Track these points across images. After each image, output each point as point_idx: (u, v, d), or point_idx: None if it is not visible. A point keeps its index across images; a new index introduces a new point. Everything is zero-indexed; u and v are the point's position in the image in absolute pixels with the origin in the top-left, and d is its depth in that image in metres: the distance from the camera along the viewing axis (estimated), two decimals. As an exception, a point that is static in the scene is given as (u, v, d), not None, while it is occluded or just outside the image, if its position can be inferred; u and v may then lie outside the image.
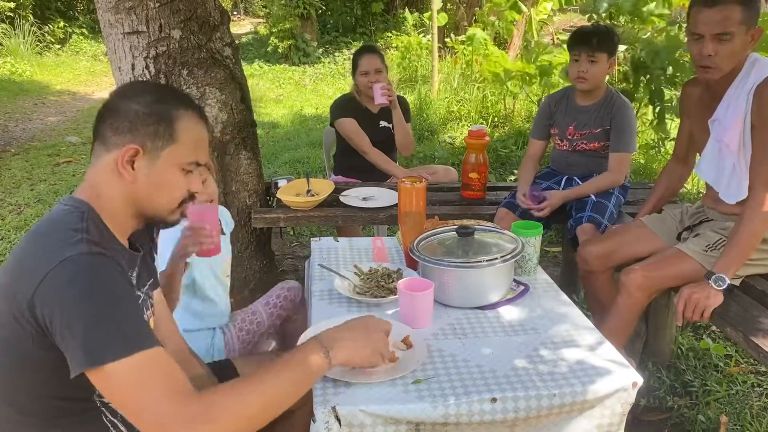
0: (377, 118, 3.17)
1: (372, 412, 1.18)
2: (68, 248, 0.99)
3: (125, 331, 0.96)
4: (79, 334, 0.94)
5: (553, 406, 1.24)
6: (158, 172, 1.12)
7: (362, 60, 3.06)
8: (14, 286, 1.01)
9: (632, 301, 1.99)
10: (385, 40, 11.02)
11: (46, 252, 1.00)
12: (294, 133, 6.69)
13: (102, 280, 0.98)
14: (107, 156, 1.11)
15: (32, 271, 0.98)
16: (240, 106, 2.64)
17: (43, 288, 0.96)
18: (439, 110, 6.57)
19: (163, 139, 1.11)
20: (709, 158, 2.04)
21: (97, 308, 0.96)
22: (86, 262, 0.98)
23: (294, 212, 2.69)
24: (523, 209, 2.58)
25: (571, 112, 2.66)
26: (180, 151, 1.13)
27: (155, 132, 1.10)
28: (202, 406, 0.97)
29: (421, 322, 1.50)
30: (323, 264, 1.84)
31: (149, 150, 1.10)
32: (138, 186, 1.11)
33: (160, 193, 1.14)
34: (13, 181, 4.97)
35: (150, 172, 1.11)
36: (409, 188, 1.91)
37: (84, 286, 0.96)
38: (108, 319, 0.96)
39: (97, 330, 0.94)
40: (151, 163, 1.11)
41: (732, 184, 1.95)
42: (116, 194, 1.12)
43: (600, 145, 2.61)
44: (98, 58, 11.99)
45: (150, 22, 2.35)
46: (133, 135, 1.10)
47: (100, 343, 0.94)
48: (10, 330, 1.01)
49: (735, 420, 2.11)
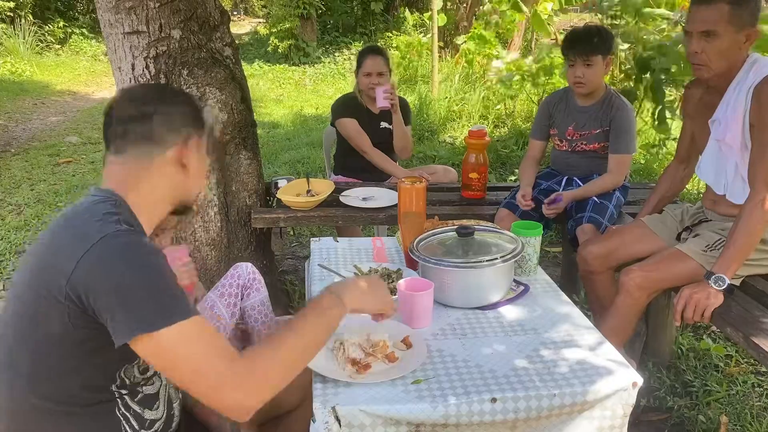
0: (378, 119, 3.16)
1: (372, 412, 1.18)
2: (107, 226, 1.04)
3: (172, 300, 1.01)
4: (126, 304, 0.98)
5: (554, 406, 1.24)
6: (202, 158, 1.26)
7: (366, 61, 3.04)
8: (49, 264, 1.04)
9: (632, 301, 1.99)
10: (385, 40, 11.02)
11: (84, 231, 1.04)
12: (294, 133, 6.69)
13: (144, 253, 1.03)
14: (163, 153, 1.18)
15: (70, 249, 1.02)
16: (240, 106, 2.64)
17: (84, 263, 1.00)
18: (439, 110, 6.57)
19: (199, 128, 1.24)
20: (708, 159, 2.04)
21: (143, 278, 1.00)
22: (127, 238, 1.03)
23: (294, 212, 2.69)
24: (523, 210, 2.58)
25: (571, 113, 2.65)
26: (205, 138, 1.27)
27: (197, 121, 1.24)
28: (247, 364, 1.02)
29: (421, 322, 1.50)
30: (323, 264, 1.85)
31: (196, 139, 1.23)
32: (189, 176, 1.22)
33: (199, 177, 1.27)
34: (13, 181, 4.97)
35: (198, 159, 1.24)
36: (409, 188, 1.91)
37: (129, 258, 1.01)
38: (155, 289, 1.00)
39: (147, 298, 0.99)
40: (198, 150, 1.24)
41: (737, 184, 1.95)
42: (163, 188, 1.20)
43: (599, 145, 2.61)
44: (98, 58, 12.00)
45: (150, 22, 2.35)
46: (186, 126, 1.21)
47: (149, 311, 0.99)
48: (40, 307, 1.04)
49: (735, 420, 2.11)
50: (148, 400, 1.20)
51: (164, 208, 1.23)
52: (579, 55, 2.49)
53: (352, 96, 3.17)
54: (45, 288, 1.03)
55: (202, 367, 1.00)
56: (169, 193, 1.22)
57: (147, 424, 1.20)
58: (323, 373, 1.26)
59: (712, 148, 2.01)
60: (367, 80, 3.02)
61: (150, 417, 1.20)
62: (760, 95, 1.82)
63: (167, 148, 1.18)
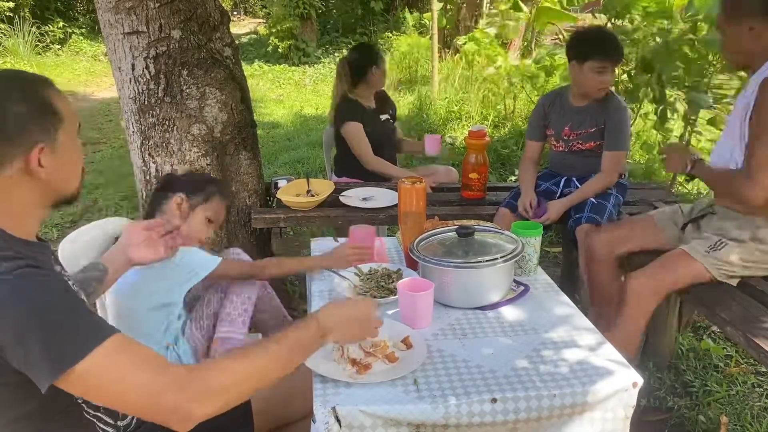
0: (377, 113, 3.22)
1: (372, 412, 1.18)
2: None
3: (80, 329, 0.95)
4: (36, 348, 0.92)
5: (554, 406, 1.24)
6: (64, 154, 1.10)
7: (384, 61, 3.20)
8: None
9: (640, 309, 2.00)
10: (385, 41, 11.02)
11: None
12: (294, 133, 6.68)
13: (31, 294, 0.96)
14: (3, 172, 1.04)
15: None
16: (240, 106, 2.64)
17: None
18: (439, 110, 6.57)
19: (55, 124, 1.08)
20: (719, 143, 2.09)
21: (44, 318, 0.94)
22: (9, 285, 0.95)
23: (294, 212, 2.69)
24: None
25: (566, 113, 2.66)
26: (69, 125, 1.12)
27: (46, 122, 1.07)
28: (183, 370, 1.00)
29: (421, 322, 1.50)
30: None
31: (48, 141, 1.07)
32: (51, 178, 1.08)
33: (70, 171, 1.14)
34: (13, 181, 4.96)
35: (57, 159, 1.09)
36: (409, 188, 1.91)
37: (18, 309, 0.94)
38: (59, 324, 0.94)
39: (54, 338, 0.93)
40: (54, 151, 1.08)
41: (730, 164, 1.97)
42: (27, 197, 1.08)
43: (596, 144, 2.62)
44: (98, 58, 11.98)
45: (150, 22, 2.35)
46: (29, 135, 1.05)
47: (61, 348, 0.93)
48: None
49: (735, 420, 2.11)
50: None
51: (35, 220, 1.12)
52: (611, 62, 2.48)
53: (352, 99, 3.15)
54: None
55: (134, 383, 0.95)
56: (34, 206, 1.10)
57: (120, 416, 1.18)
58: (323, 373, 1.26)
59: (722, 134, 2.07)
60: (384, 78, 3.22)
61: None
62: (764, 89, 1.83)
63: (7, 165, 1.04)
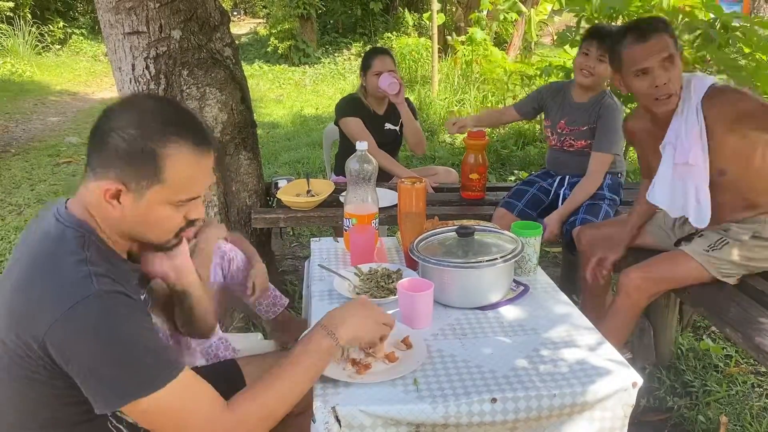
0: (383, 120, 3.15)
1: (372, 412, 1.18)
2: (78, 289, 0.97)
3: (151, 367, 0.98)
4: (104, 378, 0.96)
5: (554, 406, 1.24)
6: (145, 210, 1.06)
7: (375, 61, 3.00)
8: (21, 317, 1.00)
9: (630, 303, 2.00)
10: (385, 41, 11.02)
11: (55, 290, 0.98)
12: (294, 133, 6.69)
13: (117, 321, 0.98)
14: (95, 184, 1.05)
15: (41, 309, 0.97)
16: (240, 106, 2.64)
17: (56, 332, 0.95)
18: (439, 110, 6.58)
19: (147, 179, 1.04)
20: (661, 183, 2.02)
21: (118, 350, 0.96)
22: (98, 306, 0.97)
23: (294, 212, 2.69)
24: (522, 208, 2.60)
25: (564, 107, 2.70)
26: (167, 191, 1.05)
27: (137, 172, 1.03)
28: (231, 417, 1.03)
29: (421, 322, 1.50)
30: (323, 264, 1.84)
31: (133, 189, 1.04)
32: (126, 219, 1.07)
33: (151, 227, 1.10)
34: (13, 181, 4.97)
35: (136, 207, 1.05)
36: (409, 188, 1.91)
37: (101, 331, 0.96)
38: (132, 360, 0.97)
39: (123, 372, 0.96)
40: (136, 200, 1.05)
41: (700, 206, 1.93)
42: (107, 219, 1.08)
43: (585, 143, 2.64)
44: (98, 58, 11.99)
45: (150, 22, 2.35)
46: (116, 170, 1.03)
47: (129, 383, 0.96)
48: (17, 352, 1.00)
49: (735, 420, 2.11)
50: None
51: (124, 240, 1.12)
52: (598, 46, 2.51)
53: (356, 97, 3.15)
54: (21, 336, 0.98)
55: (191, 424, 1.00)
56: (116, 230, 1.10)
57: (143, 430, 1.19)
58: (323, 373, 1.26)
59: (665, 173, 1.99)
60: (377, 80, 2.99)
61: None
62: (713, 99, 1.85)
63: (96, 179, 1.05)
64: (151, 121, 1.05)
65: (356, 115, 3.06)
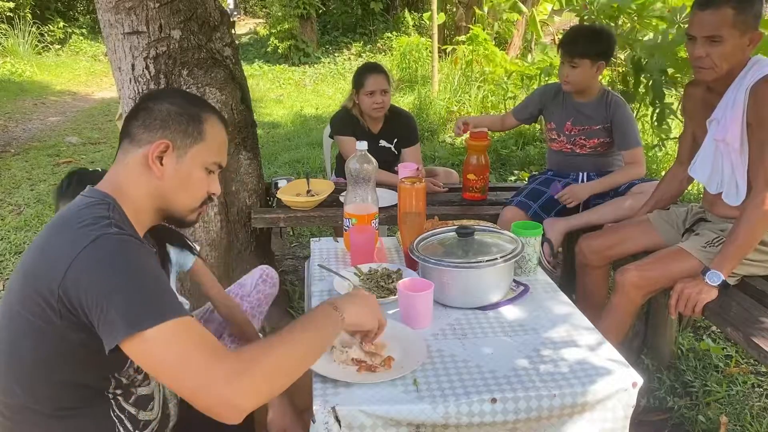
0: (377, 138, 3.10)
1: (372, 412, 1.18)
2: (98, 229, 1.04)
3: (161, 300, 1.01)
4: (116, 305, 0.98)
5: (554, 406, 1.24)
6: (185, 169, 1.19)
7: (368, 80, 2.93)
8: (41, 268, 1.04)
9: (627, 301, 2.00)
10: (385, 41, 11.02)
11: (76, 234, 1.04)
12: (294, 133, 6.69)
13: (134, 255, 1.04)
14: (137, 152, 1.17)
15: (62, 252, 1.01)
16: (240, 106, 2.64)
17: (76, 267, 0.99)
18: (439, 110, 6.57)
19: (192, 137, 1.18)
20: (703, 158, 2.05)
21: (132, 279, 1.00)
22: (117, 241, 1.03)
23: (294, 212, 2.69)
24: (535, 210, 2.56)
25: (567, 108, 2.69)
26: (206, 151, 1.20)
27: (185, 130, 1.18)
28: (237, 361, 1.00)
29: (421, 322, 1.50)
30: (323, 264, 1.84)
31: (178, 146, 1.17)
32: (165, 181, 1.17)
33: (185, 189, 1.21)
34: (13, 181, 4.97)
35: (177, 167, 1.18)
36: (409, 188, 1.91)
37: (118, 260, 1.01)
38: (144, 289, 1.00)
39: (135, 299, 0.99)
40: (179, 159, 1.18)
41: (732, 185, 1.96)
42: (141, 189, 1.17)
43: (599, 141, 2.62)
44: (98, 58, 11.99)
45: (150, 22, 2.35)
46: (164, 131, 1.16)
47: (138, 311, 0.98)
48: (34, 312, 1.03)
49: (735, 420, 2.11)
50: (142, 401, 1.20)
51: (149, 215, 1.21)
52: (564, 55, 2.56)
53: (352, 114, 3.08)
54: (38, 293, 1.02)
55: (192, 364, 0.97)
56: (148, 200, 1.19)
57: (141, 425, 1.19)
58: (323, 373, 1.26)
59: (708, 148, 2.02)
60: (371, 99, 2.93)
61: (144, 418, 1.20)
62: (756, 94, 1.83)
63: (140, 147, 1.17)
64: (192, 97, 1.29)
65: (351, 134, 3.00)
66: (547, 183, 2.72)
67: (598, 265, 2.26)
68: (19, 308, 1.06)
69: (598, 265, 2.26)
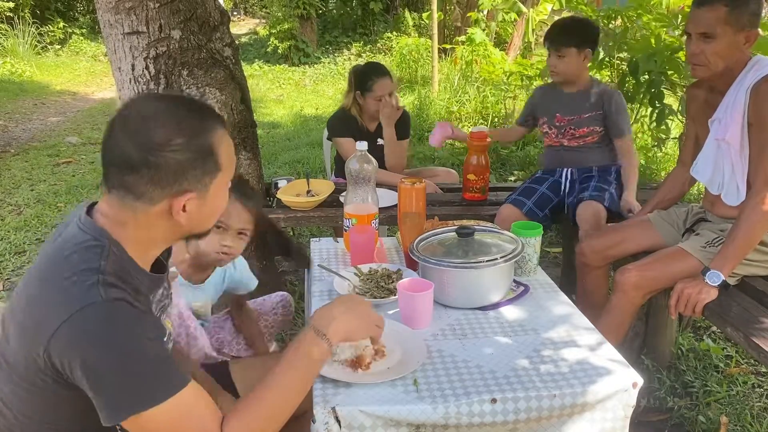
0: (375, 136, 3.12)
1: (372, 412, 1.18)
2: (83, 295, 0.96)
3: (154, 379, 0.97)
4: (106, 388, 0.95)
5: (554, 407, 1.24)
6: (210, 202, 1.09)
7: (376, 84, 2.96)
8: (28, 326, 1.00)
9: (627, 301, 2.00)
10: (385, 41, 11.03)
11: (63, 294, 0.97)
12: (294, 133, 6.69)
13: (123, 328, 0.96)
14: (149, 209, 1.04)
15: (47, 315, 0.96)
16: (240, 106, 2.64)
17: (59, 338, 0.94)
18: (439, 111, 6.58)
19: (211, 174, 1.07)
20: (705, 157, 2.05)
21: (121, 360, 0.95)
22: (102, 312, 0.96)
23: (294, 212, 2.69)
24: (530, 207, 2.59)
25: (556, 99, 2.74)
26: (225, 175, 1.10)
27: (203, 168, 1.05)
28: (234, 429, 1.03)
29: (421, 322, 1.50)
30: (323, 264, 1.84)
31: (200, 188, 1.06)
32: (191, 222, 1.09)
33: (212, 217, 1.14)
34: (13, 181, 4.97)
35: (202, 204, 1.08)
36: (409, 189, 1.91)
37: (104, 338, 0.94)
38: (134, 372, 0.96)
39: (125, 382, 0.95)
40: (201, 198, 1.07)
41: (732, 185, 1.96)
42: (158, 232, 1.09)
43: (588, 130, 2.65)
44: (98, 58, 12.00)
45: (150, 22, 2.34)
46: (180, 184, 1.03)
47: (130, 395, 0.95)
48: (28, 363, 1.00)
49: (735, 421, 2.11)
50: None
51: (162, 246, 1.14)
52: (550, 46, 2.64)
53: (349, 114, 3.10)
54: (27, 347, 0.99)
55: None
56: (165, 238, 1.11)
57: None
58: (323, 373, 1.25)
59: (710, 147, 2.02)
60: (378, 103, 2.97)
61: None
62: (756, 94, 1.84)
63: (153, 204, 1.04)
64: (184, 119, 1.04)
65: (349, 135, 3.02)
66: (539, 182, 2.78)
67: (598, 265, 2.26)
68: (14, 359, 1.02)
69: (598, 265, 2.26)
